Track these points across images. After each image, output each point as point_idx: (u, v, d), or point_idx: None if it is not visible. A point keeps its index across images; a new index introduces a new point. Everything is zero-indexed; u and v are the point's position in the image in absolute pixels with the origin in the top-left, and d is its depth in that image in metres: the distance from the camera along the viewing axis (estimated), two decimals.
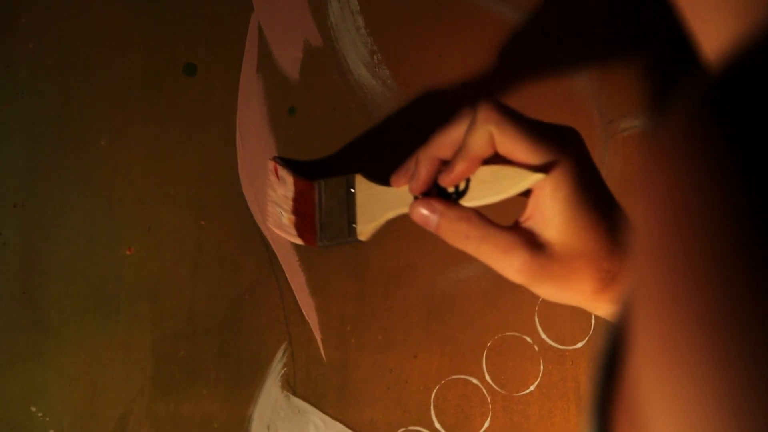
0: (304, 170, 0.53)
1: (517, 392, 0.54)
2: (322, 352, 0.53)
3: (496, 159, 0.40)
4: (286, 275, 0.53)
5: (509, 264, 0.39)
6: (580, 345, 0.54)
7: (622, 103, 0.55)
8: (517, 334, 0.54)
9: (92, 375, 0.52)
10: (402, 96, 0.55)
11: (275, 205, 0.52)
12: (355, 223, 0.48)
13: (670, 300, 0.15)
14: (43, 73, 0.53)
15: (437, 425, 0.53)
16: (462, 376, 0.54)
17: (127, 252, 0.53)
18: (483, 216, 0.41)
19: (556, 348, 0.54)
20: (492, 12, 0.56)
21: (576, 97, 0.56)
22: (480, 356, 0.54)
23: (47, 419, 0.51)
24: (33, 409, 0.51)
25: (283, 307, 0.53)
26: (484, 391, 0.54)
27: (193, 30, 0.54)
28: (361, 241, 0.49)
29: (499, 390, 0.54)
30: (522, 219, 0.40)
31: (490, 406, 0.54)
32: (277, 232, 0.52)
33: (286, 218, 0.51)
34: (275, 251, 0.53)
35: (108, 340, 0.52)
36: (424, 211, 0.42)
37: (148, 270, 0.53)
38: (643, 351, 0.17)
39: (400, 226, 0.53)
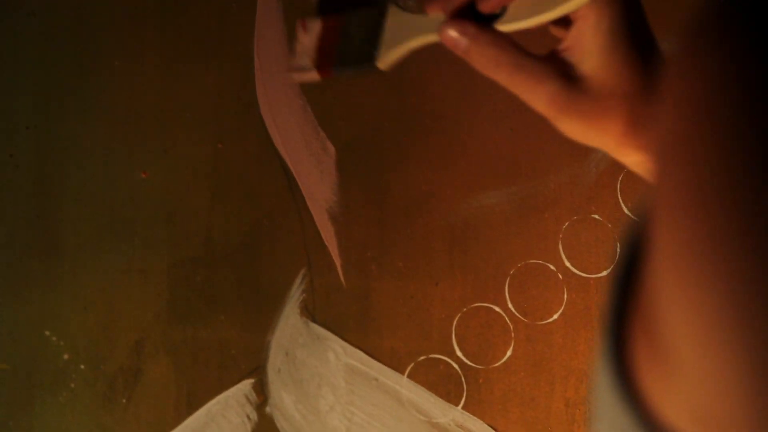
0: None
1: (541, 321, 0.53)
2: (342, 278, 0.52)
3: None
4: (306, 200, 0.52)
5: (540, 94, 0.37)
6: (604, 273, 0.53)
7: None
8: (540, 261, 0.53)
9: (108, 299, 0.51)
10: None
11: (301, 53, 0.47)
12: (376, 48, 0.44)
13: (696, 202, 0.15)
14: None
15: (459, 353, 0.52)
16: (484, 304, 0.53)
17: (143, 175, 0.52)
18: (517, 43, 0.38)
19: (581, 276, 0.53)
20: None
21: None
22: (503, 284, 0.53)
23: (62, 344, 0.50)
24: (47, 333, 0.50)
25: (303, 232, 0.52)
26: (507, 319, 0.53)
27: None
28: (380, 70, 0.45)
29: (522, 318, 0.53)
30: (560, 48, 0.38)
31: (512, 334, 0.53)
32: (298, 78, 0.48)
33: (308, 58, 0.46)
34: (295, 176, 0.52)
35: (124, 264, 0.51)
36: (454, 33, 0.39)
37: (164, 194, 0.52)
38: (663, 255, 0.16)
39: (422, 147, 0.52)
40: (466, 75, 0.52)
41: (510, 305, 0.53)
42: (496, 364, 0.52)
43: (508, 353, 0.52)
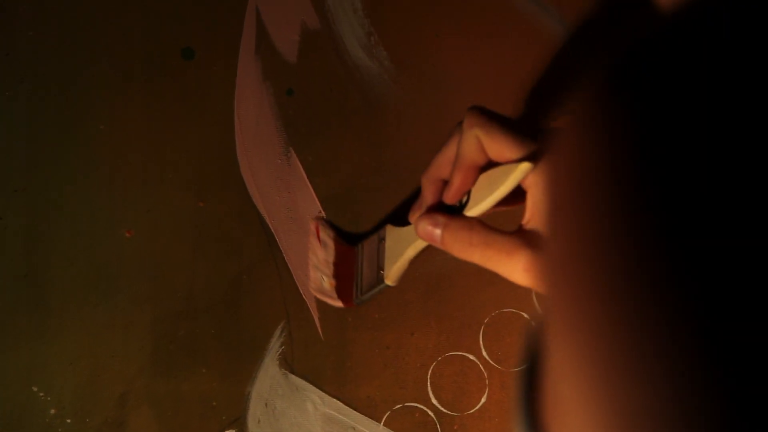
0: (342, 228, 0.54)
1: (515, 368, 0.54)
2: (320, 330, 0.54)
3: (492, 167, 0.41)
4: (284, 255, 0.54)
5: (514, 266, 0.39)
6: None
7: None
8: (514, 310, 0.55)
9: (93, 354, 0.53)
10: (399, 76, 0.56)
11: (316, 269, 0.52)
12: (383, 269, 0.48)
13: (571, 270, 0.16)
14: (43, 60, 0.54)
15: (434, 401, 0.54)
16: (459, 353, 0.54)
17: (127, 234, 0.54)
18: (485, 223, 0.41)
19: None
20: None
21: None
22: (477, 333, 0.54)
23: (49, 399, 0.52)
24: (35, 388, 0.52)
25: (281, 286, 0.54)
26: (481, 367, 0.54)
27: (190, 14, 0.55)
28: (390, 286, 0.48)
29: (496, 366, 0.54)
30: (524, 222, 0.41)
31: (487, 381, 0.54)
32: (319, 297, 0.52)
33: (327, 283, 0.51)
34: (274, 232, 0.54)
35: (108, 320, 0.53)
36: (428, 226, 0.42)
37: (147, 252, 0.54)
38: (551, 312, 0.18)
39: (397, 200, 0.54)
40: (441, 130, 0.54)
41: (484, 353, 0.54)
42: (471, 411, 0.54)
43: (483, 400, 0.54)
